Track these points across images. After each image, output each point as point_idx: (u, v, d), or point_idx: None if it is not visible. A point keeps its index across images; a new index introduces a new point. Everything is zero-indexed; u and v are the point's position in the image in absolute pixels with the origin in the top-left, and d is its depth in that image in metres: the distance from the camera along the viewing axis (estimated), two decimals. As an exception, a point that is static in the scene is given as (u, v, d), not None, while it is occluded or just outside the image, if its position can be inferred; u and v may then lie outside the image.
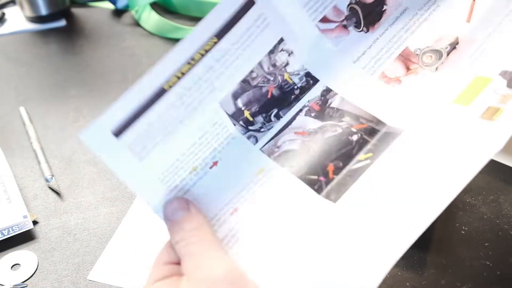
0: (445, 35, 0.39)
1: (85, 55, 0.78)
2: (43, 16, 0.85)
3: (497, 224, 0.48)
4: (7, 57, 0.78)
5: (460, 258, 0.45)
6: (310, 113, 0.38)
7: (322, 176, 0.35)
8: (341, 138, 0.36)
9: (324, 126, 0.37)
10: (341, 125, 0.37)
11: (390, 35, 0.40)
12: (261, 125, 0.38)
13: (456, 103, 0.35)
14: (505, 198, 0.50)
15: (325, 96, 0.38)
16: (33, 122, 0.64)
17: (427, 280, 0.43)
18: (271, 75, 0.38)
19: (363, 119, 0.37)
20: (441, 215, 0.33)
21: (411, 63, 0.39)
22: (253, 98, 0.38)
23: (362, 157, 0.35)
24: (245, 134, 0.37)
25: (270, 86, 0.38)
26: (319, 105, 0.38)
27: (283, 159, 0.36)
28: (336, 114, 0.37)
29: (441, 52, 0.38)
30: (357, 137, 0.36)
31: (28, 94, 0.70)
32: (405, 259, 0.44)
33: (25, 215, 0.50)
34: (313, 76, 0.39)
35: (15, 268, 0.48)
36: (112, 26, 0.85)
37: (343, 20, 0.40)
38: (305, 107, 0.38)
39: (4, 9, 0.90)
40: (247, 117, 0.37)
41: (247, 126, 0.37)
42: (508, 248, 0.46)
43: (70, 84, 0.71)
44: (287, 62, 0.38)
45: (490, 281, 0.43)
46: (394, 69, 0.38)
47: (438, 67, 0.38)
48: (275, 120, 0.38)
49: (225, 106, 0.36)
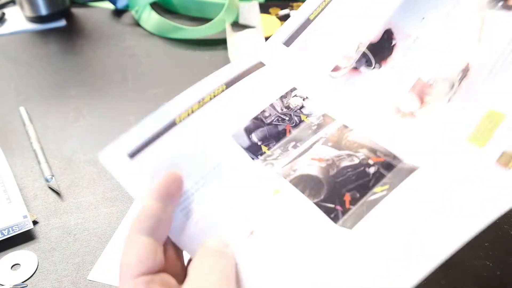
0: (456, 59, 0.39)
1: (85, 55, 0.78)
2: (43, 16, 0.85)
3: (497, 224, 0.48)
4: (7, 57, 0.78)
5: (460, 258, 0.45)
6: (327, 143, 0.38)
7: (339, 206, 0.35)
8: (358, 168, 0.36)
9: (341, 155, 0.37)
10: (358, 155, 0.37)
11: (403, 67, 0.40)
12: (278, 154, 0.38)
13: (470, 142, 0.34)
14: (505, 198, 0.50)
15: (341, 131, 0.39)
16: (33, 122, 0.64)
17: (427, 280, 0.43)
18: (285, 116, 0.40)
19: (380, 152, 0.37)
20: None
21: (425, 95, 0.38)
22: (269, 135, 0.39)
23: (378, 190, 0.35)
24: (263, 162, 0.38)
25: (287, 125, 0.40)
26: (336, 137, 0.38)
27: (300, 183, 0.36)
28: (353, 145, 0.38)
29: (453, 81, 0.38)
30: (374, 169, 0.36)
31: (28, 94, 0.70)
32: (405, 259, 0.44)
33: (25, 215, 0.50)
34: (330, 116, 0.40)
35: (15, 268, 0.48)
36: (112, 26, 0.85)
37: (353, 63, 0.41)
38: (322, 138, 0.39)
39: (4, 9, 0.90)
40: (265, 151, 0.39)
41: (265, 158, 0.38)
42: (508, 248, 0.45)
43: (70, 84, 0.71)
44: (302, 105, 0.41)
45: (490, 281, 0.43)
46: (409, 102, 0.38)
47: (450, 98, 0.37)
48: (292, 150, 0.39)
49: (238, 139, 0.39)
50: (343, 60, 0.41)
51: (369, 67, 0.41)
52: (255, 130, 0.39)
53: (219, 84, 0.40)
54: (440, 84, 0.38)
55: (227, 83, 0.40)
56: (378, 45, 0.41)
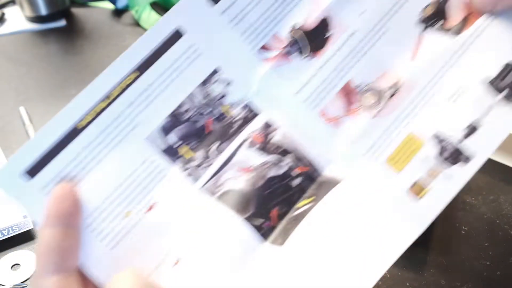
0: (388, 72, 0.38)
1: (85, 55, 0.78)
2: (43, 16, 0.85)
3: (497, 224, 0.48)
4: (7, 57, 0.78)
5: (460, 258, 0.45)
6: (253, 145, 0.35)
7: (268, 221, 0.34)
8: (284, 180, 0.35)
9: (267, 162, 0.35)
10: (283, 165, 0.35)
11: (335, 63, 0.37)
12: (201, 160, 0.35)
13: (388, 164, 0.35)
14: (505, 198, 0.50)
15: (266, 129, 0.36)
16: (33, 122, 0.64)
17: (427, 280, 0.43)
18: (206, 108, 0.35)
19: (305, 160, 0.36)
20: (441, 215, 0.33)
21: (352, 102, 0.37)
22: (189, 133, 0.35)
23: (304, 202, 0.35)
24: (184, 172, 0.34)
25: (208, 119, 0.35)
26: (261, 137, 0.36)
27: (227, 200, 0.34)
28: (279, 150, 0.36)
29: (381, 95, 0.37)
30: (299, 180, 0.35)
31: (28, 94, 0.70)
32: (405, 259, 0.44)
33: (25, 215, 0.50)
34: (253, 108, 0.36)
35: (15, 268, 0.48)
36: (112, 26, 0.85)
37: (285, 47, 0.37)
38: (247, 139, 0.36)
39: (4, 9, 0.90)
40: (184, 153, 0.34)
41: (185, 163, 0.34)
42: (508, 248, 0.45)
43: (70, 84, 0.71)
44: (224, 93, 0.36)
45: (490, 281, 0.43)
46: (335, 107, 0.37)
47: (376, 113, 0.37)
48: (216, 155, 0.35)
49: (153, 142, 0.33)
50: (273, 40, 0.37)
51: (301, 55, 0.37)
52: (172, 129, 0.34)
53: (128, 70, 0.33)
54: (368, 94, 0.37)
55: (139, 67, 0.33)
56: (313, 33, 0.37)
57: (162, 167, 0.33)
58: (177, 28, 0.34)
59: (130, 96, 0.33)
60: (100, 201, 0.31)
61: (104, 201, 0.32)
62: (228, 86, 0.36)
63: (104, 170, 0.32)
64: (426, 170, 0.34)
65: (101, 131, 0.32)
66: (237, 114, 0.36)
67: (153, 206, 0.32)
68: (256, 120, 0.36)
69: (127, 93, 0.33)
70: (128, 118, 0.33)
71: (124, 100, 0.33)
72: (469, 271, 0.44)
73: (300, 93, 0.37)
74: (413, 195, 0.33)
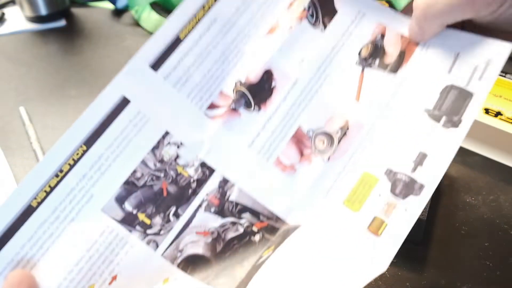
0: (336, 115, 0.38)
1: (85, 55, 0.78)
2: (43, 16, 0.85)
3: (497, 224, 0.48)
4: (7, 57, 0.78)
5: (460, 258, 0.45)
6: (209, 208, 0.35)
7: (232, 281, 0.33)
8: (244, 239, 0.35)
9: (225, 224, 0.35)
10: (242, 223, 0.35)
11: (283, 112, 0.38)
12: (160, 227, 0.34)
13: (346, 205, 0.35)
14: (505, 198, 0.50)
15: (223, 187, 0.36)
16: (33, 122, 0.64)
17: (427, 280, 0.43)
18: (160, 171, 0.35)
19: (263, 216, 0.36)
20: (441, 215, 0.33)
21: (305, 147, 0.38)
22: (145, 199, 0.35)
23: (264, 253, 0.34)
24: (144, 239, 0.34)
25: (163, 182, 0.35)
26: (218, 198, 0.36)
27: (188, 266, 0.34)
28: (236, 209, 0.36)
29: (332, 138, 0.38)
30: (259, 236, 0.35)
31: (28, 94, 0.70)
32: (405, 259, 0.44)
33: None
34: (208, 166, 0.36)
35: (15, 268, 0.48)
36: (112, 26, 0.85)
37: (232, 103, 0.38)
38: (204, 201, 0.36)
39: (4, 9, 0.90)
40: (143, 220, 0.34)
41: (145, 230, 0.34)
42: (508, 248, 0.45)
43: (70, 84, 0.71)
44: (176, 155, 0.36)
45: (490, 281, 0.43)
46: (289, 154, 0.37)
47: (330, 156, 0.37)
48: (175, 220, 0.35)
49: (110, 212, 0.33)
50: (219, 97, 0.38)
51: (249, 109, 0.38)
52: (128, 197, 0.34)
53: (75, 145, 0.33)
54: (319, 139, 0.38)
55: (86, 141, 0.34)
56: (258, 86, 0.38)
57: (121, 236, 0.33)
58: (124, 95, 0.35)
59: (81, 170, 0.33)
60: (61, 278, 0.31)
61: (65, 278, 0.31)
62: (180, 147, 0.36)
63: (62, 246, 0.31)
64: (383, 206, 0.34)
65: (55, 207, 0.32)
66: (192, 175, 0.36)
67: (116, 277, 0.32)
68: (211, 179, 0.36)
69: (77, 166, 0.33)
70: (82, 191, 0.33)
71: (76, 174, 0.33)
72: (469, 271, 0.44)
73: (252, 146, 0.37)
74: (372, 233, 0.33)
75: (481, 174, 0.53)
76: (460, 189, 0.51)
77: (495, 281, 0.43)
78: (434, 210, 0.48)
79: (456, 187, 0.51)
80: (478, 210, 0.49)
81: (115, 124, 0.34)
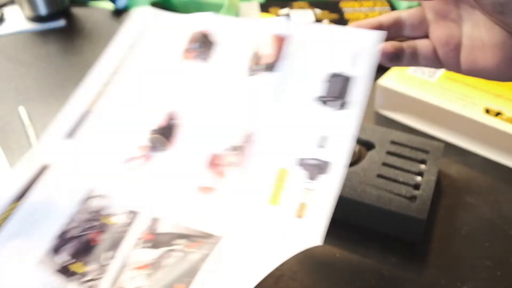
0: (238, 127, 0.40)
1: (85, 55, 0.78)
2: (43, 16, 0.85)
3: (497, 224, 0.48)
4: (7, 57, 0.78)
5: (460, 258, 0.45)
6: (145, 244, 0.36)
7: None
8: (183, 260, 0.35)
9: (162, 254, 0.36)
10: (177, 249, 0.36)
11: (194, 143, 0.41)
12: (96, 272, 0.35)
13: (271, 203, 0.36)
14: (505, 198, 0.50)
15: (153, 224, 0.37)
16: (33, 122, 0.64)
17: (427, 280, 0.43)
18: (89, 223, 0.37)
19: (197, 237, 0.36)
20: (441, 215, 0.33)
21: (220, 166, 0.39)
22: (78, 249, 0.36)
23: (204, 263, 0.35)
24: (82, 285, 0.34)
25: (92, 232, 0.37)
26: (151, 233, 0.37)
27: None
28: (168, 238, 0.37)
29: (241, 147, 0.39)
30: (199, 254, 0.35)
31: (28, 94, 0.70)
32: (405, 259, 0.44)
33: None
34: (134, 210, 0.38)
35: (15, 268, 0.48)
36: (112, 26, 0.85)
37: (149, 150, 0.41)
38: (138, 240, 0.37)
39: (3, 9, 0.90)
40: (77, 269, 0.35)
41: (81, 278, 0.35)
42: (508, 248, 0.45)
43: (70, 84, 0.71)
44: (103, 206, 0.38)
45: (490, 281, 0.43)
46: (206, 178, 0.39)
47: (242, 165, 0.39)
48: (109, 263, 0.35)
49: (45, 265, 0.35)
50: (137, 150, 0.41)
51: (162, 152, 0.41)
52: (60, 249, 0.36)
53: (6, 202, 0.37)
54: (229, 153, 0.39)
55: (15, 199, 0.37)
56: (164, 129, 0.42)
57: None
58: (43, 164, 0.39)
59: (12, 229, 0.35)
60: None
61: None
62: (105, 199, 0.39)
63: None
64: (302, 192, 0.36)
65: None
66: (120, 220, 0.38)
67: None
68: (140, 221, 0.38)
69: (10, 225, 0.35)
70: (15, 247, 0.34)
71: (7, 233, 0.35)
72: (469, 271, 0.44)
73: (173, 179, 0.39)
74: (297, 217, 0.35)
75: (481, 174, 0.53)
76: (460, 189, 0.51)
77: (495, 281, 0.43)
78: (434, 210, 0.48)
79: (456, 187, 0.51)
80: (478, 210, 0.49)
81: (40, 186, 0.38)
